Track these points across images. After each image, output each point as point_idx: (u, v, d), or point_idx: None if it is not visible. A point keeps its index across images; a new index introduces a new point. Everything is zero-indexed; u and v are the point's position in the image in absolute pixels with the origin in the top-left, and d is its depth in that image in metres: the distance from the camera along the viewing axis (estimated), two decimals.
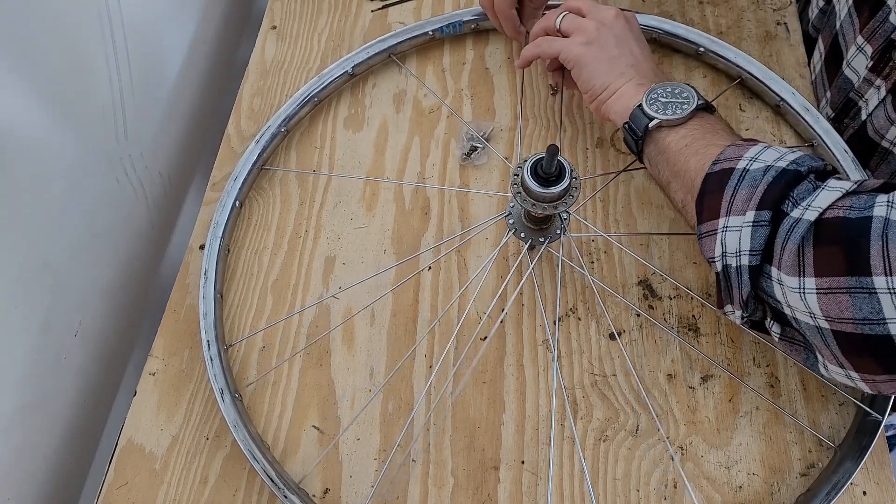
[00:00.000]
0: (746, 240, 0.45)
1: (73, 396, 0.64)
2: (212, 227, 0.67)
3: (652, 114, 0.55)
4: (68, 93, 0.62)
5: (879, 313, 0.40)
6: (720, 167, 0.48)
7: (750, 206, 0.45)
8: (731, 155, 0.48)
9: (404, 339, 0.62)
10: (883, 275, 0.39)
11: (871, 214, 0.41)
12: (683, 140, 0.53)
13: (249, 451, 0.56)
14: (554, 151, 0.48)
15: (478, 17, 0.76)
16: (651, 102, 0.55)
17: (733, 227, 0.46)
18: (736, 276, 0.46)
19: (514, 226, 0.59)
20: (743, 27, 0.76)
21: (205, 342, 0.61)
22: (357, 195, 0.70)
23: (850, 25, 0.64)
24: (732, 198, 0.46)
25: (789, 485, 0.54)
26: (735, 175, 0.47)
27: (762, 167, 0.45)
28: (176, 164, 0.80)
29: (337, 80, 0.74)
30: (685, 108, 0.54)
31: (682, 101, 0.54)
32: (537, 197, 0.51)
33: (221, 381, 0.59)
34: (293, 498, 0.54)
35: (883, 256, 0.39)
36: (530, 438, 0.57)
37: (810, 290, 0.42)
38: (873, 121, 0.62)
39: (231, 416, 0.57)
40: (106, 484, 0.58)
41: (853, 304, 0.40)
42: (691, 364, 0.59)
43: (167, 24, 0.78)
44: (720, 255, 0.47)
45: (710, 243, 0.48)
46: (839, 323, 0.41)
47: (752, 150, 0.48)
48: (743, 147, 0.48)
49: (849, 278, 0.40)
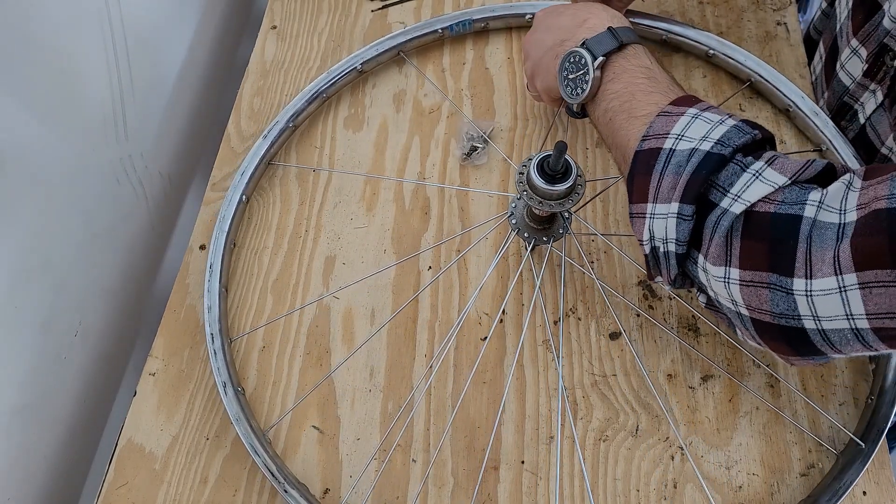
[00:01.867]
0: (672, 229, 0.44)
1: (73, 396, 0.64)
2: (218, 222, 0.67)
3: (567, 99, 0.54)
4: (68, 93, 0.62)
5: (795, 311, 0.40)
6: (648, 145, 0.47)
7: (674, 197, 0.44)
8: (659, 130, 0.47)
9: (404, 339, 0.62)
10: (803, 277, 0.39)
11: (800, 214, 0.40)
12: (606, 115, 0.52)
13: (251, 446, 0.56)
14: (562, 148, 0.48)
15: (487, 15, 0.76)
16: (565, 84, 0.54)
17: (660, 214, 0.45)
18: (664, 259, 0.46)
19: (517, 226, 0.59)
20: (743, 27, 0.76)
21: (209, 335, 0.61)
22: (357, 195, 0.70)
23: (848, 27, 0.64)
24: (658, 183, 0.45)
25: (789, 485, 0.54)
26: (662, 157, 0.45)
27: (688, 149, 0.44)
28: (176, 164, 0.80)
29: (345, 76, 0.74)
30: (587, 81, 0.52)
31: (583, 73, 0.52)
32: (543, 194, 0.51)
33: (224, 374, 0.59)
34: (293, 493, 0.54)
35: (806, 260, 0.39)
36: (530, 438, 0.57)
37: (734, 281, 0.42)
38: (874, 126, 0.62)
39: (233, 409, 0.58)
40: (106, 484, 0.58)
41: (771, 298, 0.41)
42: (691, 364, 0.59)
43: (167, 24, 0.78)
44: (648, 240, 0.47)
45: (639, 225, 0.47)
46: (758, 312, 0.42)
47: (679, 123, 0.46)
48: (671, 118, 0.46)
49: (770, 274, 0.41)
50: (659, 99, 0.49)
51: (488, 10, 0.76)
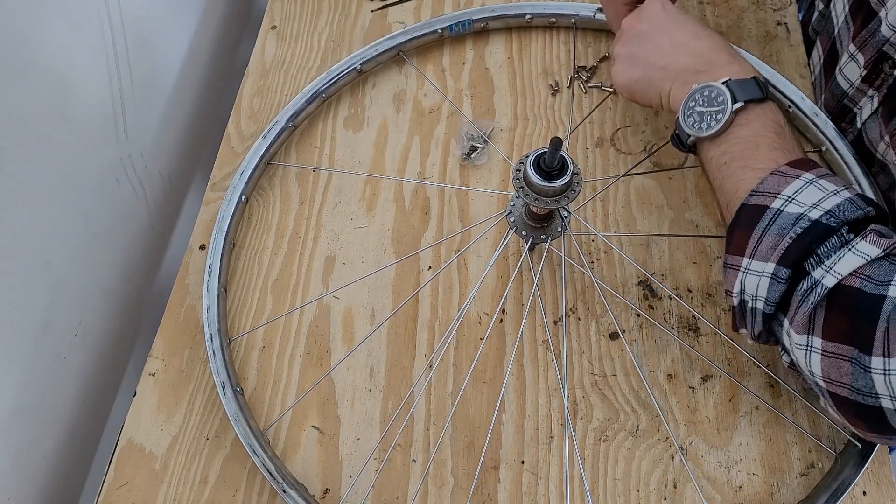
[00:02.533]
0: (764, 289, 0.45)
1: (73, 396, 0.64)
2: (217, 222, 0.67)
3: (687, 130, 0.53)
4: (68, 93, 0.62)
5: (872, 389, 0.41)
6: (755, 201, 0.47)
7: (773, 258, 0.44)
8: (770, 189, 0.46)
9: (404, 339, 0.62)
10: (881, 356, 0.40)
11: (885, 294, 0.41)
12: (722, 158, 0.51)
13: (250, 446, 0.56)
14: (557, 144, 0.48)
15: (487, 16, 0.76)
16: (688, 113, 0.53)
17: (754, 271, 0.46)
18: (751, 314, 0.47)
19: (514, 224, 0.59)
20: (743, 27, 0.76)
21: (207, 335, 0.61)
22: (357, 195, 0.70)
23: (847, 32, 0.63)
24: (759, 242, 0.45)
25: (789, 485, 0.54)
26: (767, 216, 0.45)
27: (795, 214, 0.44)
28: (176, 164, 0.80)
29: (345, 76, 0.74)
30: (719, 120, 0.51)
31: (717, 110, 0.51)
32: (539, 191, 0.51)
33: (224, 374, 0.59)
34: (292, 493, 0.54)
35: (884, 339, 0.40)
36: (530, 438, 0.57)
37: (816, 350, 0.43)
38: (867, 131, 0.62)
39: (232, 409, 0.57)
40: (106, 484, 0.58)
41: (852, 372, 0.42)
42: (691, 364, 0.59)
43: (167, 24, 0.78)
44: (738, 293, 0.47)
45: (731, 277, 0.48)
46: (836, 386, 0.43)
47: (791, 186, 0.46)
48: (784, 179, 0.46)
49: (851, 349, 0.41)
50: (780, 156, 0.48)
51: (488, 10, 0.76)
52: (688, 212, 0.66)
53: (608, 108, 0.72)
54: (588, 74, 0.74)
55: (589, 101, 0.73)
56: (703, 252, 0.64)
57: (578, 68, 0.75)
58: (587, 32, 0.78)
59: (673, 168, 0.68)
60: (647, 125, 0.71)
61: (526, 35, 0.78)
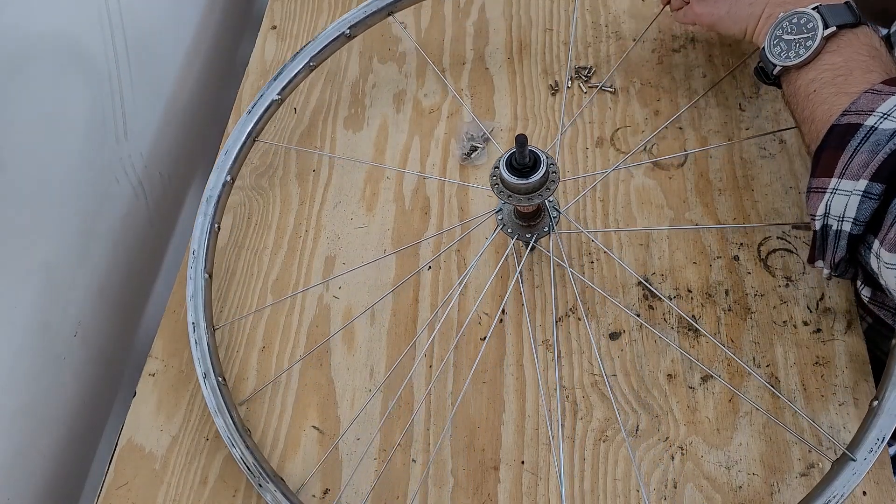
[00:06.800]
0: (853, 208, 0.43)
1: (72, 396, 0.64)
2: (202, 204, 0.64)
3: (773, 59, 0.51)
4: (68, 93, 0.62)
5: None
6: (847, 120, 0.44)
7: (865, 174, 0.42)
8: (864, 106, 0.44)
9: (404, 339, 0.62)
10: None
11: None
12: (811, 85, 0.48)
13: (229, 438, 0.55)
14: (522, 141, 0.48)
15: None
16: (775, 43, 0.51)
17: (843, 190, 0.43)
18: (834, 239, 0.45)
19: (502, 221, 0.59)
20: None
21: (190, 325, 0.60)
22: (357, 195, 0.70)
23: None
24: (850, 160, 0.43)
25: (789, 485, 0.54)
26: (860, 133, 0.43)
27: (891, 129, 0.42)
28: (176, 164, 0.80)
29: (334, 42, 0.70)
30: (809, 47, 0.48)
31: (806, 37, 0.49)
32: (515, 189, 0.51)
33: (207, 363, 0.58)
34: (269, 486, 0.53)
35: None
36: (530, 438, 0.57)
37: None
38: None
39: (212, 401, 0.57)
40: (106, 484, 0.58)
41: None
42: (691, 364, 0.59)
43: (167, 24, 0.78)
44: (822, 216, 0.45)
45: (815, 200, 0.45)
46: None
47: (888, 102, 0.43)
48: (880, 97, 0.44)
49: None
50: (876, 78, 0.46)
51: None
52: (688, 211, 0.65)
53: (608, 108, 0.72)
54: (588, 74, 0.74)
55: (589, 101, 0.73)
56: (703, 252, 0.64)
57: (578, 68, 0.75)
58: (587, 32, 0.78)
59: (665, 158, 0.68)
60: (646, 125, 0.71)
61: (526, 35, 0.78)
